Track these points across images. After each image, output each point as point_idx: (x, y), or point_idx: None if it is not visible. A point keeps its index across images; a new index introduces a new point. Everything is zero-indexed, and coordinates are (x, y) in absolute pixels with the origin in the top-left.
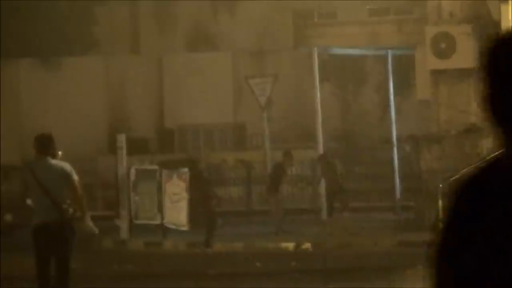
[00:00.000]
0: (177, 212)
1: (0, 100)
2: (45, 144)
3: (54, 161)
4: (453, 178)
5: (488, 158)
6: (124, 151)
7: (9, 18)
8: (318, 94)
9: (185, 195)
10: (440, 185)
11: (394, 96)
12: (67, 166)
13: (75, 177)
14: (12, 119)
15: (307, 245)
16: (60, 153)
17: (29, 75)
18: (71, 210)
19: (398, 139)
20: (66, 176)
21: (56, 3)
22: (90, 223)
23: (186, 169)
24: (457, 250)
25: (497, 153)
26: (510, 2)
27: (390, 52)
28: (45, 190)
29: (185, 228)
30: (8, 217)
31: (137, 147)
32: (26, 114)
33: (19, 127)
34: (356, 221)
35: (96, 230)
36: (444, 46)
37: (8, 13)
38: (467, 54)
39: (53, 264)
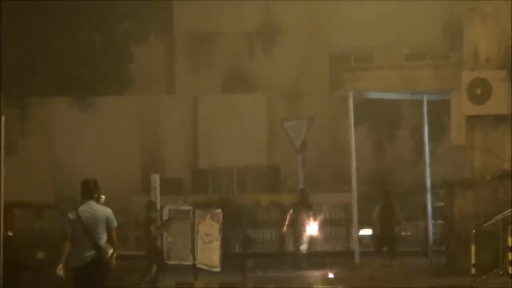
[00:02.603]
0: (209, 253)
1: (34, 138)
2: (90, 189)
3: (97, 206)
4: (487, 223)
5: None
6: (158, 191)
7: (44, 55)
8: (353, 138)
9: (217, 235)
10: (473, 231)
11: (429, 141)
12: (109, 212)
13: (115, 224)
14: (45, 157)
15: None
16: (103, 197)
17: (63, 113)
18: (109, 251)
19: (432, 184)
20: (107, 221)
21: (91, 41)
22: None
23: (219, 210)
24: None
25: None
26: None
27: (425, 97)
28: (87, 232)
29: (217, 269)
30: (40, 255)
31: (170, 187)
32: (60, 153)
33: (53, 165)
34: (388, 266)
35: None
36: (479, 92)
37: (43, 50)
38: (502, 100)
39: None
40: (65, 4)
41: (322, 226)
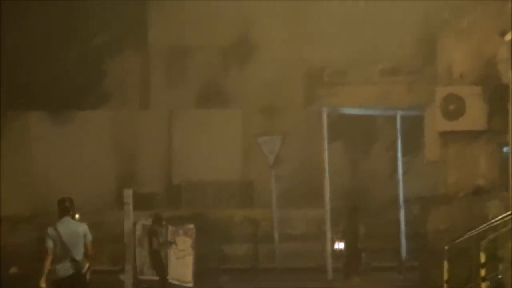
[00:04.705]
0: (182, 268)
1: (8, 153)
2: (66, 207)
3: (74, 221)
4: (459, 239)
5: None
6: (131, 206)
7: (17, 69)
8: (326, 154)
9: (190, 251)
10: (446, 247)
11: (403, 156)
12: (84, 226)
13: (90, 237)
14: (19, 171)
15: None
16: (77, 216)
17: (39, 128)
18: (86, 264)
19: (405, 200)
20: (84, 235)
21: (66, 55)
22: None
23: (192, 225)
24: None
25: (504, 215)
26: None
27: (399, 113)
28: (66, 247)
29: (190, 285)
30: (14, 270)
31: (144, 202)
32: (35, 167)
33: (27, 179)
34: (361, 281)
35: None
36: (453, 108)
37: (16, 64)
38: (476, 116)
39: None
40: (39, 18)
41: (295, 241)
